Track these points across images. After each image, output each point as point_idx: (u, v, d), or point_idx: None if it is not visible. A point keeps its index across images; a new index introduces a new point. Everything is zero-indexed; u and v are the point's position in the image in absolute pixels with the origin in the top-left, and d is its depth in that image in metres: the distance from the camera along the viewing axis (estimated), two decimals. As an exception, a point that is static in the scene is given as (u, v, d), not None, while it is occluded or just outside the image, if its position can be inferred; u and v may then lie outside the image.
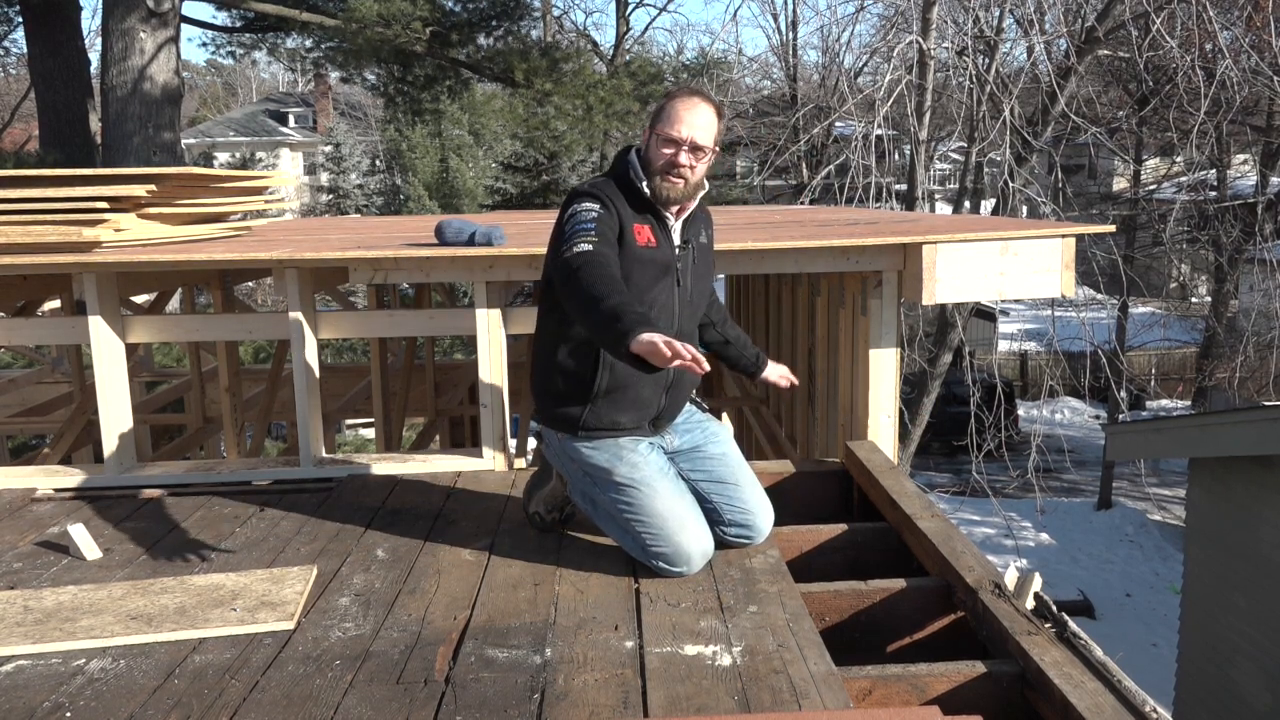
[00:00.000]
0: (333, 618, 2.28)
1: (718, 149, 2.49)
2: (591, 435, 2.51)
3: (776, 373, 2.95)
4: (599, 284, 2.18)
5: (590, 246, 2.28)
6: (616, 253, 2.37)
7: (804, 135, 14.94)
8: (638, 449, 2.52)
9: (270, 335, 3.72)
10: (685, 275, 2.54)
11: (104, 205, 3.18)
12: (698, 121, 2.40)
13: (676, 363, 1.98)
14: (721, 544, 2.58)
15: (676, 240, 2.52)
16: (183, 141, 11.42)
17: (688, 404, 2.74)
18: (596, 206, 2.38)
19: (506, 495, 3.14)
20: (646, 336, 1.99)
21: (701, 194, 2.55)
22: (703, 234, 2.62)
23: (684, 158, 2.41)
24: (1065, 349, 11.38)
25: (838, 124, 14.07)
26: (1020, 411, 19.66)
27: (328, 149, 26.90)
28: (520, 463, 3.66)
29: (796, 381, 2.99)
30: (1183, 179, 16.16)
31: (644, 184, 2.45)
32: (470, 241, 3.26)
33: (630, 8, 24.57)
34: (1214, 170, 18.31)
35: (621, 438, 2.52)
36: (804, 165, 20.05)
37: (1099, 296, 17.78)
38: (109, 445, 3.39)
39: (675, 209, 2.52)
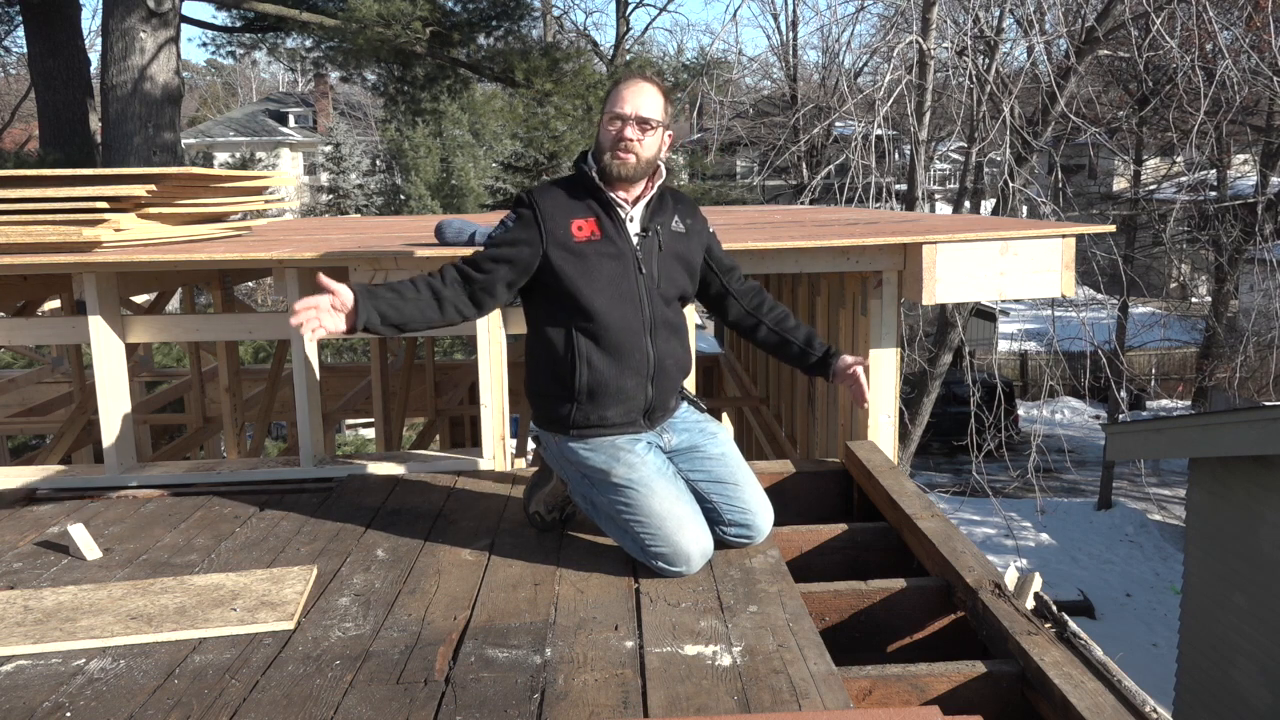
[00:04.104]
0: (333, 618, 2.28)
1: (669, 129, 2.52)
2: (583, 434, 2.51)
3: (849, 363, 2.76)
4: (420, 282, 2.48)
5: (459, 264, 2.53)
6: (504, 271, 2.48)
7: (804, 135, 14.95)
8: (635, 449, 2.51)
9: (270, 335, 3.72)
10: (650, 262, 2.53)
11: (104, 205, 3.18)
12: (641, 99, 2.45)
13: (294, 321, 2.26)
14: (721, 544, 2.58)
15: (635, 229, 2.53)
16: (183, 141, 11.42)
17: (686, 404, 2.74)
18: (511, 222, 2.49)
19: (506, 495, 3.14)
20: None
21: (661, 180, 2.56)
22: (675, 222, 2.60)
23: (630, 131, 2.43)
24: (1065, 349, 11.37)
25: (838, 124, 14.06)
26: (1020, 411, 19.66)
27: (328, 149, 26.90)
28: (520, 463, 3.66)
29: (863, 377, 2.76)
30: (1183, 179, 16.17)
31: (594, 170, 2.48)
32: (470, 241, 3.26)
33: (630, 8, 24.59)
34: (1214, 170, 18.33)
35: (618, 437, 2.52)
36: (804, 165, 20.06)
37: (1099, 296, 17.80)
38: (109, 445, 3.39)
39: (632, 199, 2.52)
